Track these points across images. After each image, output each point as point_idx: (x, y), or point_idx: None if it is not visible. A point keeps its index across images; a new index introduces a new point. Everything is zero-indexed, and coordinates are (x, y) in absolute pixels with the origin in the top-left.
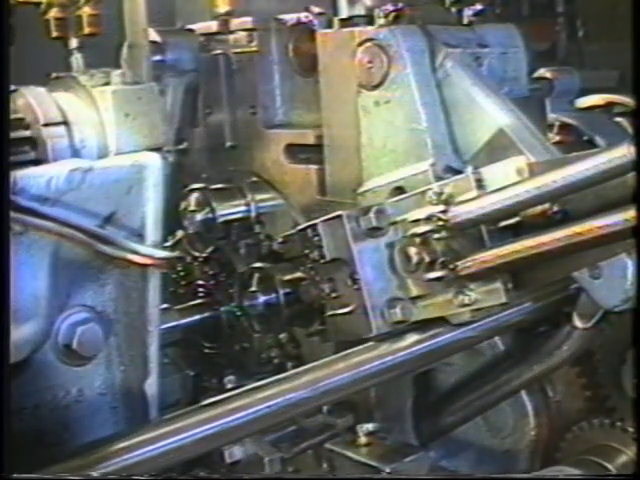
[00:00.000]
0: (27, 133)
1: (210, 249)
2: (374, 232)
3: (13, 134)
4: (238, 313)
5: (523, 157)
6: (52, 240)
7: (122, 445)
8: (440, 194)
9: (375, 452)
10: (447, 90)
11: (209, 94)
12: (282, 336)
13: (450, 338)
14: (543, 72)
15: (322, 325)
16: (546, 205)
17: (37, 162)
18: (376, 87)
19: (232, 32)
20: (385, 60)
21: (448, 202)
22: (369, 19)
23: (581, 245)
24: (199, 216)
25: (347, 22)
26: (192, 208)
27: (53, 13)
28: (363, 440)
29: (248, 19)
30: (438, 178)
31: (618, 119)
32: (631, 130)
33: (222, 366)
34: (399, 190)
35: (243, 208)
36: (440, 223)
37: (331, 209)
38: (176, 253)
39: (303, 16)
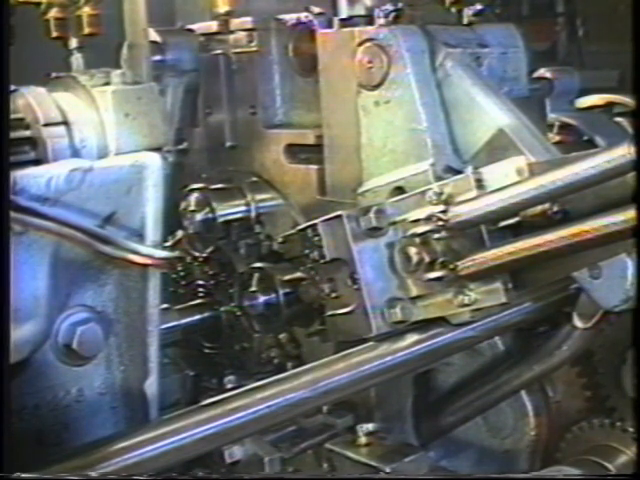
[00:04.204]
0: (27, 133)
1: (210, 249)
2: (374, 232)
3: (13, 134)
4: (238, 313)
5: (523, 157)
6: (52, 240)
7: (122, 445)
8: (440, 194)
9: (375, 452)
10: (447, 90)
11: (209, 94)
12: (282, 336)
13: (450, 338)
14: (543, 72)
15: (322, 325)
16: (546, 205)
17: (37, 162)
18: (376, 87)
19: (232, 32)
20: (385, 60)
21: (448, 202)
22: (369, 19)
23: (581, 245)
24: (199, 216)
25: (347, 22)
26: (192, 208)
27: (53, 13)
28: (363, 440)
29: (248, 19)
30: (438, 178)
31: (618, 119)
32: (631, 130)
33: (222, 366)
34: (399, 190)
35: (243, 208)
36: (440, 223)
37: (331, 209)
38: (176, 253)
39: (303, 16)
